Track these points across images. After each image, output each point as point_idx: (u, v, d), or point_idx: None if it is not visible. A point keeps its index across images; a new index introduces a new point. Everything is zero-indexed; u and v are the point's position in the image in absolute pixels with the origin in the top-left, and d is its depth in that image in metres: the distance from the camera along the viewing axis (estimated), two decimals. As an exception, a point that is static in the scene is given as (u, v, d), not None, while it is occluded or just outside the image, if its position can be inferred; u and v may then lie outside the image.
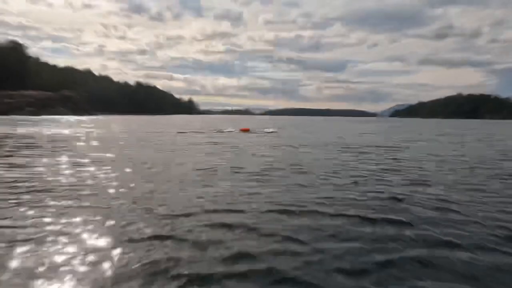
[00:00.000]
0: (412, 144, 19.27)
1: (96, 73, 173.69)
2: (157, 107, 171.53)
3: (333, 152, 14.64)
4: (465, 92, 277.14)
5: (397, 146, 18.12)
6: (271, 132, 28.77)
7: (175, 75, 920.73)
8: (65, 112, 69.70)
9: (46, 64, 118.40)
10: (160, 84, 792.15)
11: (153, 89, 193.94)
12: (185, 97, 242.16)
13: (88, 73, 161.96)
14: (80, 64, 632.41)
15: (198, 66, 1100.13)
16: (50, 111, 66.50)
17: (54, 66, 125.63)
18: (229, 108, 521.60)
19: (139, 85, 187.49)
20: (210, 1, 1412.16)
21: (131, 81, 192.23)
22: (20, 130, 26.01)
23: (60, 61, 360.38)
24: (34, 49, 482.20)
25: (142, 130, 29.71)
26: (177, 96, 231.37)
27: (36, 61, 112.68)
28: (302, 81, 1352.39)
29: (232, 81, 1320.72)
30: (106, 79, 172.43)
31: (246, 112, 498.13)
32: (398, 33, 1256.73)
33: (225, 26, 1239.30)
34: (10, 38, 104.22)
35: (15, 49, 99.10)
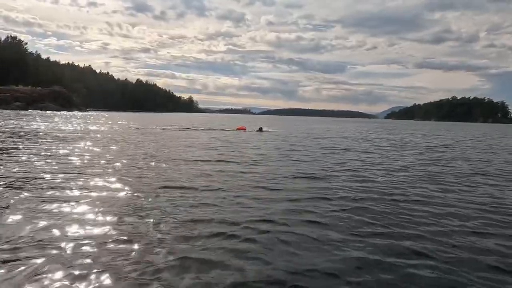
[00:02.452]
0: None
1: (97, 71, 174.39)
2: (156, 105, 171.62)
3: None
4: (461, 95, 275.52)
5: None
6: (266, 131, 29.00)
7: (177, 74, 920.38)
8: (54, 107, 69.52)
9: (46, 61, 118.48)
10: (161, 83, 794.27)
11: (153, 87, 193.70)
12: (185, 96, 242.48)
13: (88, 70, 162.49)
14: (83, 61, 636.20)
15: (200, 65, 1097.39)
16: (38, 106, 66.23)
17: (54, 62, 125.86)
18: (229, 107, 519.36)
19: (139, 83, 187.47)
20: (213, 1, 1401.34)
21: (133, 79, 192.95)
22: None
23: (63, 58, 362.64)
24: (38, 46, 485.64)
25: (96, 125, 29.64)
26: (177, 94, 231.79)
27: (36, 58, 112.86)
28: (301, 82, 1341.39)
29: (233, 81, 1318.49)
30: (106, 77, 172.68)
31: (245, 111, 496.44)
32: (396, 36, 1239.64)
33: (227, 26, 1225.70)
34: (15, 34, 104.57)
35: (14, 45, 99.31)
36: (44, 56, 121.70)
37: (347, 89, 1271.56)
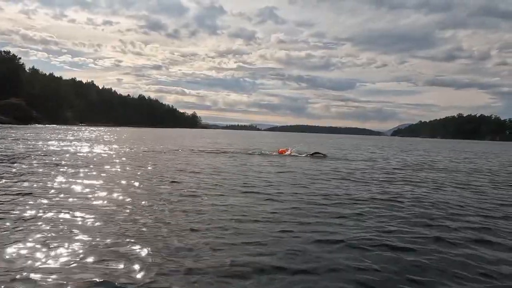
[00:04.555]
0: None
1: (108, 87, 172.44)
2: (158, 120, 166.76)
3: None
4: (472, 113, 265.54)
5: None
6: (320, 154, 18.97)
7: (187, 91, 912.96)
8: (5, 120, 65.83)
9: (43, 75, 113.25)
10: (172, 99, 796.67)
11: (155, 102, 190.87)
12: (189, 112, 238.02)
13: (91, 85, 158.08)
14: (95, 78, 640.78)
15: (210, 82, 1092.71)
16: (-14, 118, 62.96)
17: (53, 77, 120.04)
18: (235, 123, 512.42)
19: (141, 98, 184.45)
20: (226, 20, 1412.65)
21: (143, 95, 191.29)
22: None
23: (76, 75, 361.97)
24: (54, 63, 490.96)
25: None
26: (183, 110, 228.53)
27: (32, 72, 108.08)
28: (310, 99, 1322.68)
29: (242, 97, 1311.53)
30: (109, 92, 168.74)
31: (251, 127, 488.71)
32: (407, 54, 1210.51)
33: (238, 44, 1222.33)
34: (32, 52, 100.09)
35: (7, 59, 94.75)
36: (57, 73, 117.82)
37: (356, 106, 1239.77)
